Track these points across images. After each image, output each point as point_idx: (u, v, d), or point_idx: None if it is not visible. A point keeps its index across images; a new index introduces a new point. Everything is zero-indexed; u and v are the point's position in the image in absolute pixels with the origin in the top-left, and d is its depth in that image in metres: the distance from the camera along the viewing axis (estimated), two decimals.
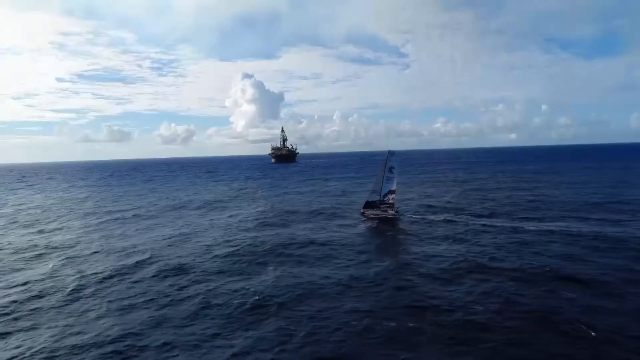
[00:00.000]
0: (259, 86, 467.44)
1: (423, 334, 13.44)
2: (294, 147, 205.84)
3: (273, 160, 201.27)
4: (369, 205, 36.07)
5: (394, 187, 35.19)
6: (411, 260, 21.24)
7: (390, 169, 35.29)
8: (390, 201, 35.12)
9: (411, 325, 14.04)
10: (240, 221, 34.00)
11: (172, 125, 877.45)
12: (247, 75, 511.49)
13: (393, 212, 34.75)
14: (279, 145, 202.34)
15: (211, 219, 35.47)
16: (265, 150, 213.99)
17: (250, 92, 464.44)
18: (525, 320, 14.03)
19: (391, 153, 35.72)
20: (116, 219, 37.56)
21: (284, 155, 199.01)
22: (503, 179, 67.34)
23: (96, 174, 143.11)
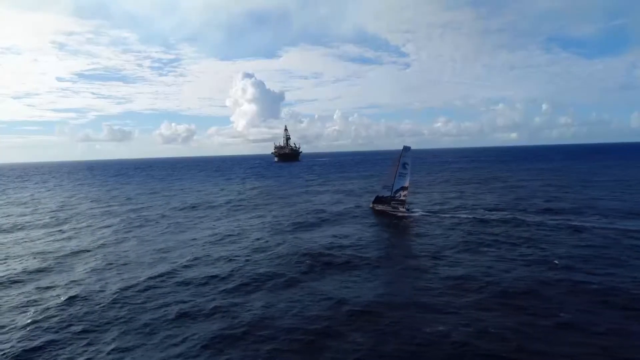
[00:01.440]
0: (260, 85, 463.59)
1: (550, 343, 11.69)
2: (298, 146, 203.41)
3: (276, 159, 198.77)
4: (379, 200, 35.28)
5: (406, 184, 34.07)
6: (487, 263, 19.35)
7: (404, 165, 34.24)
8: (402, 198, 34.00)
9: (523, 333, 12.24)
10: (272, 221, 31.95)
11: (173, 124, 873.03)
12: (248, 75, 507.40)
13: (404, 209, 33.50)
14: (282, 144, 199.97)
15: (239, 219, 33.46)
16: (265, 149, 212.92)
17: (250, 91, 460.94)
18: None
19: (406, 149, 34.53)
20: (138, 217, 35.62)
21: (287, 155, 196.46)
22: (527, 177, 65.16)
23: (102, 172, 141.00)
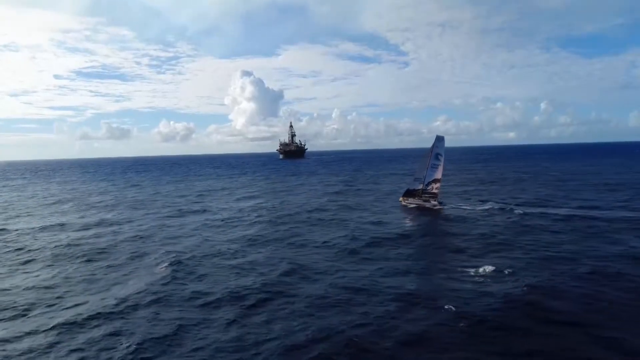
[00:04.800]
0: (259, 84, 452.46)
1: None
2: (303, 143, 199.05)
3: (281, 156, 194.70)
4: (409, 193, 33.89)
5: (438, 176, 32.47)
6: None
7: (437, 156, 32.44)
8: (434, 191, 32.58)
9: None
10: (367, 225, 27.21)
11: (171, 122, 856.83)
12: (247, 73, 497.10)
13: (435, 202, 32.14)
14: (287, 141, 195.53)
15: (338, 222, 28.16)
16: (265, 148, 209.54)
17: (249, 89, 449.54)
18: None
19: (439, 138, 32.63)
20: (193, 216, 31.18)
21: (293, 152, 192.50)
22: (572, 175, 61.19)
23: (111, 170, 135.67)
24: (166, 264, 18.36)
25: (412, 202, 33.11)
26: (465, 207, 31.11)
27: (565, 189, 42.04)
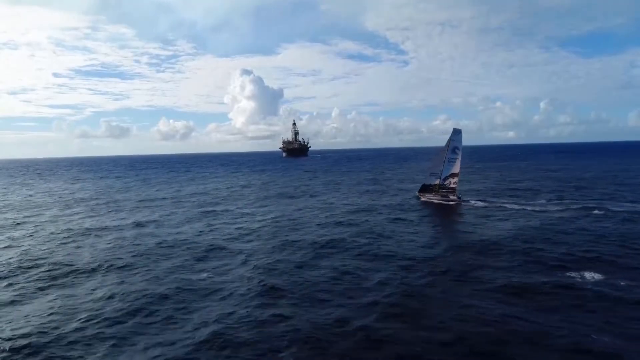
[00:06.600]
0: (258, 82, 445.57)
1: None
2: (306, 141, 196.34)
3: (284, 154, 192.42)
4: (425, 188, 33.08)
5: (456, 170, 31.52)
6: None
7: (454, 150, 31.55)
8: (452, 185, 31.63)
9: None
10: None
11: (171, 121, 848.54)
12: (246, 72, 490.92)
13: (454, 197, 31.25)
14: (290, 139, 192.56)
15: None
16: (264, 146, 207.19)
17: (249, 88, 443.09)
18: None
19: (456, 131, 31.61)
20: (236, 216, 27.95)
21: (296, 150, 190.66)
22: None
23: (115, 168, 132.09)
24: (247, 275, 15.25)
25: (430, 198, 32.21)
26: (525, 207, 28.38)
27: (618, 184, 39.68)
